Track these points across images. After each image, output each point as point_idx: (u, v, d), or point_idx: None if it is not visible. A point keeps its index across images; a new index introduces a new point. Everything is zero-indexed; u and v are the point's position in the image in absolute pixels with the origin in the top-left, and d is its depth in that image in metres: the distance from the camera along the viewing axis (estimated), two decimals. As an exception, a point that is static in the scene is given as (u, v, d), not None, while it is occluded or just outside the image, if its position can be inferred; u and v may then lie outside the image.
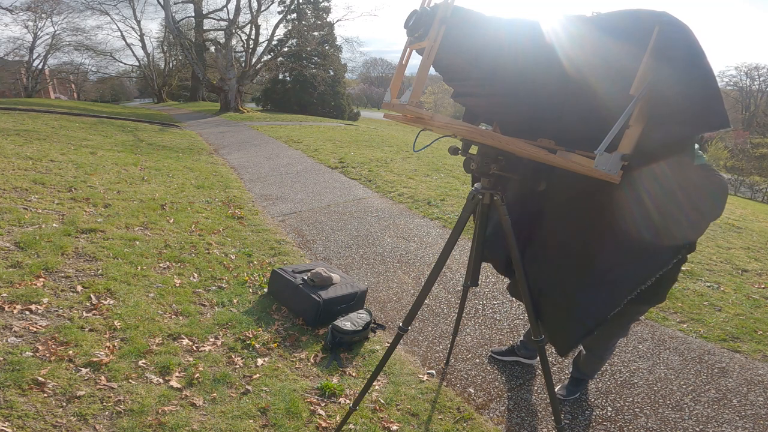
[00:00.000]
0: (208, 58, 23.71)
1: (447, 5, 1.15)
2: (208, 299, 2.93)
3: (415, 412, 2.13)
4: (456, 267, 3.79)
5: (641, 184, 1.40)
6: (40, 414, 1.78)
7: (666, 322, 3.01)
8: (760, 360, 2.63)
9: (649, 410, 2.23)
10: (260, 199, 5.64)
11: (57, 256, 3.06)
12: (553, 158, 1.23)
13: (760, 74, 40.95)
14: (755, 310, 3.20)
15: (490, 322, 3.00)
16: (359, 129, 14.34)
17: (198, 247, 3.68)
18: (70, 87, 38.07)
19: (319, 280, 2.91)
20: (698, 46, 1.12)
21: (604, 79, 1.17)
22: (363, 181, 6.68)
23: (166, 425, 1.84)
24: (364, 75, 60.32)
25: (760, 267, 4.04)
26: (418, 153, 8.82)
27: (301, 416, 2.00)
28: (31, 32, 28.76)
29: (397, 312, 3.09)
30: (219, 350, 2.42)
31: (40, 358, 2.08)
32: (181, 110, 22.23)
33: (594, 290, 1.53)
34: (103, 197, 4.52)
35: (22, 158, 5.62)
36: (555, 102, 1.31)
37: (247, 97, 31.55)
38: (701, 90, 1.14)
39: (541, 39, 1.20)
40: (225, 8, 20.80)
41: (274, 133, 11.83)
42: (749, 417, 2.19)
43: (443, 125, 1.31)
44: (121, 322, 2.47)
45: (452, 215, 5.06)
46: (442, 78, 1.49)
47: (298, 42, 21.97)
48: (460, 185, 6.51)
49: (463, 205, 1.59)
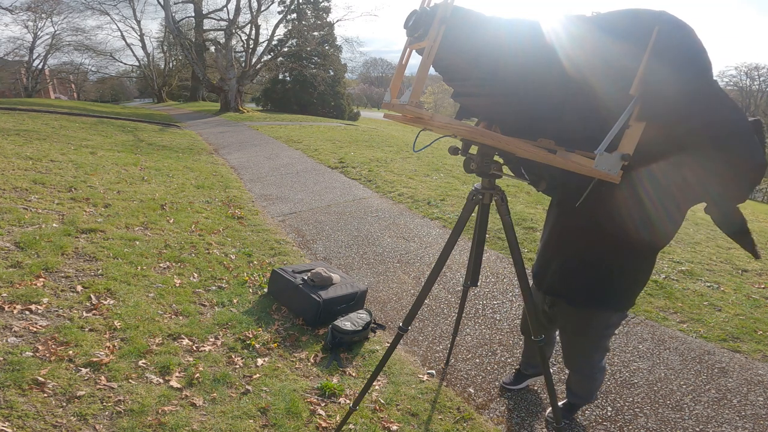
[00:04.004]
0: (208, 58, 23.72)
1: (447, 5, 1.15)
2: (208, 299, 2.93)
3: (415, 412, 2.13)
4: (456, 267, 3.78)
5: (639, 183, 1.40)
6: (40, 414, 1.78)
7: (666, 322, 3.01)
8: (760, 360, 2.63)
9: (649, 410, 2.23)
10: (260, 199, 5.64)
11: (57, 256, 3.06)
12: (553, 158, 1.23)
13: (760, 74, 40.95)
14: (755, 310, 3.20)
15: (490, 322, 3.00)
16: (359, 129, 14.33)
17: (198, 247, 3.68)
18: (70, 87, 38.09)
19: (319, 280, 2.91)
20: (699, 44, 1.12)
21: (604, 79, 1.17)
22: (363, 181, 6.68)
23: (166, 425, 1.84)
24: (364, 75, 60.39)
25: (760, 267, 4.04)
26: (418, 153, 8.82)
27: (301, 416, 2.00)
28: (31, 32, 28.82)
29: (397, 312, 3.09)
30: (219, 350, 2.42)
31: (40, 358, 2.08)
32: (181, 110, 22.23)
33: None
34: (103, 197, 4.52)
35: (22, 158, 5.62)
36: (555, 102, 1.31)
37: (247, 97, 31.53)
38: (701, 88, 1.14)
39: (541, 39, 1.20)
40: (225, 8, 20.83)
41: (274, 133, 11.83)
42: (749, 417, 2.19)
43: (443, 125, 1.31)
44: (121, 322, 2.47)
45: (452, 215, 5.06)
46: (442, 78, 1.48)
47: (298, 42, 21.98)
48: (460, 185, 6.51)
49: (463, 205, 1.59)
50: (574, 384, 2.08)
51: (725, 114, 1.21)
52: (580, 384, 2.05)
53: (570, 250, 1.68)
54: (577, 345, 1.88)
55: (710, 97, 1.18)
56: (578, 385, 2.06)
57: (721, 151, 1.23)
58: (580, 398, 2.12)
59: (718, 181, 1.28)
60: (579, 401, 2.14)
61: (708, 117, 1.19)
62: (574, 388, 2.09)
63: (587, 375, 1.98)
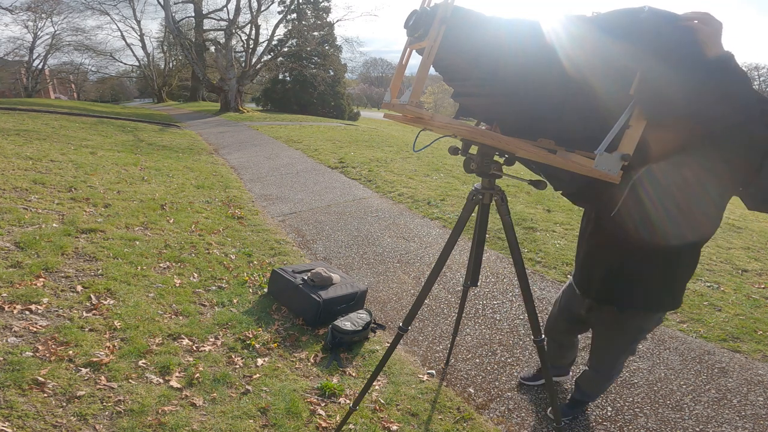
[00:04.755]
0: (208, 58, 23.71)
1: (447, 5, 1.15)
2: (208, 299, 2.93)
3: (415, 412, 2.13)
4: (456, 267, 3.78)
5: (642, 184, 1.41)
6: (40, 414, 1.78)
7: (666, 322, 3.01)
8: (760, 360, 2.63)
9: (649, 410, 2.23)
10: (260, 199, 5.64)
11: (57, 256, 3.06)
12: (553, 158, 1.23)
13: (760, 74, 40.97)
14: (755, 310, 3.20)
15: (490, 322, 3.00)
16: (359, 129, 14.34)
17: (198, 247, 3.68)
18: (70, 87, 38.10)
19: (319, 280, 2.91)
20: (698, 43, 1.11)
21: (604, 79, 1.17)
22: (363, 181, 6.68)
23: (166, 425, 1.84)
24: (364, 75, 60.40)
25: (760, 267, 4.04)
26: (418, 153, 8.82)
27: (301, 416, 2.00)
28: (31, 32, 28.84)
29: (397, 312, 3.09)
30: (219, 350, 2.42)
31: (40, 358, 2.08)
32: (181, 110, 22.23)
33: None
34: (103, 197, 4.52)
35: (22, 158, 5.62)
36: (555, 102, 1.31)
37: (247, 97, 31.55)
38: (700, 86, 1.14)
39: (541, 39, 1.20)
40: (225, 8, 20.83)
41: (274, 133, 11.83)
42: (749, 417, 2.19)
43: (443, 125, 1.31)
44: (121, 322, 2.47)
45: (452, 215, 5.06)
46: (442, 78, 1.48)
47: (298, 42, 21.98)
48: (460, 185, 6.51)
49: (463, 205, 1.59)
50: (585, 381, 2.10)
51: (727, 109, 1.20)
52: (592, 381, 2.07)
53: (611, 258, 1.69)
54: (610, 347, 1.89)
55: (713, 92, 1.17)
56: (590, 382, 2.08)
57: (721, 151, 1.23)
58: (587, 396, 2.14)
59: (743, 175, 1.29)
60: (585, 398, 2.16)
61: (712, 113, 1.19)
62: (584, 386, 2.11)
63: (605, 374, 2.00)
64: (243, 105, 20.66)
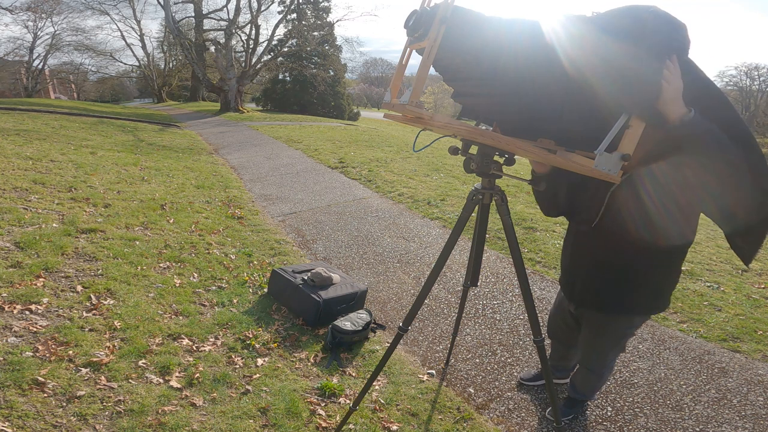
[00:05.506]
0: (208, 58, 23.69)
1: (447, 5, 1.15)
2: (208, 299, 2.93)
3: (415, 412, 2.13)
4: (456, 267, 3.78)
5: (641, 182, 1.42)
6: (40, 414, 1.78)
7: (666, 322, 3.01)
8: (760, 360, 2.63)
9: (649, 410, 2.23)
10: (260, 199, 5.64)
11: (57, 256, 3.06)
12: (553, 158, 1.23)
13: (759, 74, 40.99)
14: (755, 310, 3.20)
15: (490, 322, 3.00)
16: (359, 129, 14.33)
17: (198, 247, 3.68)
18: (70, 87, 38.08)
19: (319, 280, 2.91)
20: (688, 44, 1.15)
21: (604, 79, 1.17)
22: (363, 181, 6.68)
23: (166, 425, 1.84)
24: (364, 75, 60.38)
25: (760, 267, 4.04)
26: (418, 153, 8.82)
27: (301, 416, 2.00)
28: (31, 32, 28.79)
29: (397, 312, 3.09)
30: (219, 350, 2.42)
31: (40, 358, 2.08)
32: (181, 110, 22.23)
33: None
34: (103, 197, 4.51)
35: (22, 158, 5.62)
36: (555, 102, 1.31)
37: (247, 97, 31.54)
38: (692, 83, 1.16)
39: (541, 39, 1.20)
40: (225, 8, 20.79)
41: (274, 133, 11.83)
42: (749, 417, 2.19)
43: (443, 125, 1.31)
44: (121, 322, 2.47)
45: (452, 215, 5.06)
46: (442, 78, 1.48)
47: (298, 42, 21.95)
48: (460, 185, 6.51)
49: (463, 205, 1.59)
50: (579, 380, 2.11)
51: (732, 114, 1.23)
52: (586, 380, 2.08)
53: (590, 263, 1.73)
54: (597, 344, 1.91)
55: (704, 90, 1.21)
56: (584, 381, 2.09)
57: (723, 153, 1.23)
58: (581, 395, 2.14)
59: (717, 182, 1.29)
60: (580, 397, 2.16)
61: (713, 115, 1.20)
62: (579, 385, 2.12)
63: (596, 372, 2.01)
64: (243, 105, 20.66)
